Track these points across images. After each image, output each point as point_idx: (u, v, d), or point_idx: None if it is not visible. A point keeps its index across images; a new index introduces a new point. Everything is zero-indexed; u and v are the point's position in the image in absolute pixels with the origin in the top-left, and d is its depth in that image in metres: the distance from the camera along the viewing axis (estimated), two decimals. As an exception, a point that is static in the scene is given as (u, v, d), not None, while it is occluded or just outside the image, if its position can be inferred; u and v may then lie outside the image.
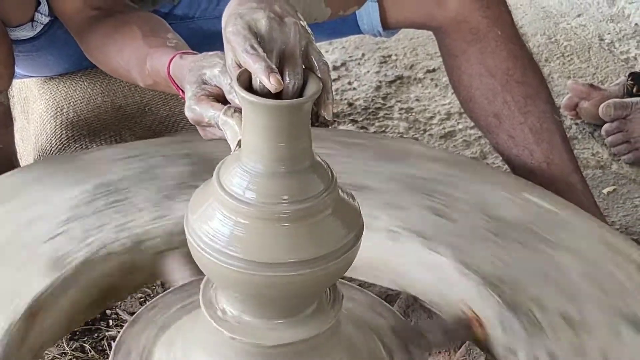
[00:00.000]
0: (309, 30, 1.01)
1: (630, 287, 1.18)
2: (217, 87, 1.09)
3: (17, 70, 1.53)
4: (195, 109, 1.07)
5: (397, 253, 1.22)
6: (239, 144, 0.95)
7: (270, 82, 0.91)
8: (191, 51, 1.24)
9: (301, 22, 1.00)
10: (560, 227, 1.28)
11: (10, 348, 1.05)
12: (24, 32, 1.50)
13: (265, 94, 0.93)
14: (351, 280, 1.23)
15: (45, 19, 1.50)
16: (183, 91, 1.17)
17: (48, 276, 1.14)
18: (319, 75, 0.97)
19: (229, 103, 1.06)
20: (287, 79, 0.94)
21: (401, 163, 1.39)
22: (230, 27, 0.98)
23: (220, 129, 1.03)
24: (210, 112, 1.05)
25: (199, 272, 1.16)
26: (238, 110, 1.00)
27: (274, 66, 0.93)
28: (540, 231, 1.26)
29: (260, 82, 0.93)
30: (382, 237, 1.23)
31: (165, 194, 1.28)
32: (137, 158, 1.37)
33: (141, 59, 1.28)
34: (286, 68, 0.95)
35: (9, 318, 1.08)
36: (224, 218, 0.93)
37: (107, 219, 1.23)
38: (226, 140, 1.01)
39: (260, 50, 0.95)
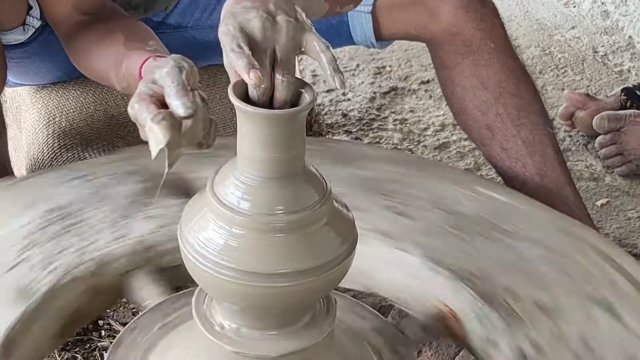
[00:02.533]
0: (307, 21, 1.00)
1: (594, 272, 1.19)
2: (162, 87, 1.03)
3: (9, 77, 1.53)
4: (135, 106, 1.01)
5: (363, 254, 1.20)
6: (158, 153, 0.91)
7: (250, 78, 0.91)
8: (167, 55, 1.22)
9: (298, 15, 1.00)
10: (517, 217, 1.28)
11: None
12: (16, 36, 1.49)
13: (262, 103, 0.93)
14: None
15: (37, 23, 1.49)
16: None
17: (17, 307, 1.10)
18: (322, 51, 0.96)
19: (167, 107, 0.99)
20: (279, 76, 0.93)
21: (355, 166, 1.37)
22: (222, 27, 0.98)
23: None
24: (144, 114, 0.99)
25: (165, 290, 1.16)
26: (168, 117, 0.95)
27: (255, 62, 0.92)
28: (499, 223, 1.26)
29: (254, 91, 0.93)
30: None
31: (120, 213, 1.25)
32: (83, 179, 1.32)
33: (118, 61, 1.26)
34: (278, 67, 0.95)
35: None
36: (218, 228, 0.92)
37: (67, 243, 1.19)
38: (190, 156, 0.98)
39: (246, 49, 0.95)
